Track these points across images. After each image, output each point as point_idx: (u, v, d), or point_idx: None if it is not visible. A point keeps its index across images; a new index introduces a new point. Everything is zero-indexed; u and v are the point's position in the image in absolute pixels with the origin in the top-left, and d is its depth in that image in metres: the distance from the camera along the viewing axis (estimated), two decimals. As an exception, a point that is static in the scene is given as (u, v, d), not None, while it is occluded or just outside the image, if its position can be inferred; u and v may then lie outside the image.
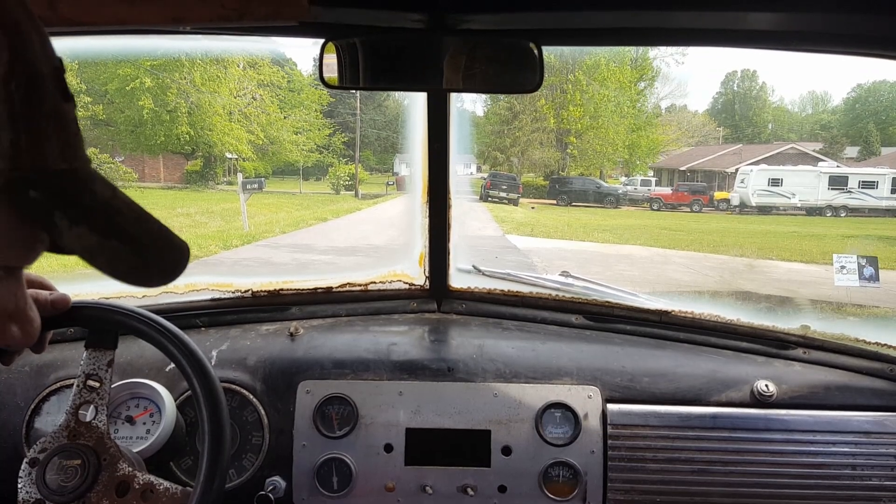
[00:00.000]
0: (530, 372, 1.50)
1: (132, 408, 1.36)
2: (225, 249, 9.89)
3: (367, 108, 26.24)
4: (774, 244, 13.27)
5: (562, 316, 1.74)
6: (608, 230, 15.22)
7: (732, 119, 42.78)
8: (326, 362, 1.50)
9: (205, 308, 1.70)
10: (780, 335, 1.62)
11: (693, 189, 23.51)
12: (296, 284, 1.78)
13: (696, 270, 10.20)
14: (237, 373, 1.48)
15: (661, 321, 1.69)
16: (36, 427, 1.42)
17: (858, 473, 1.41)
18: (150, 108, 16.48)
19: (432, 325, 1.71)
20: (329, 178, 23.24)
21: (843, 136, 36.70)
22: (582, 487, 1.42)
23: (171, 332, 1.09)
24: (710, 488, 1.41)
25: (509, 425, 1.44)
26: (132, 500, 1.04)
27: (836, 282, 5.72)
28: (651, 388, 1.49)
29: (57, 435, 1.07)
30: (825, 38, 1.18)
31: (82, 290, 1.65)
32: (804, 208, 20.71)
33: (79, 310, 1.09)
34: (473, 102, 41.43)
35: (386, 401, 1.45)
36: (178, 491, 1.05)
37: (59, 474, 1.03)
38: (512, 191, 20.66)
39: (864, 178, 20.82)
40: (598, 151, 25.05)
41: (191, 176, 20.83)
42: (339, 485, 1.41)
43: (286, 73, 19.87)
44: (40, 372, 1.47)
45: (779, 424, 1.44)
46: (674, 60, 31.54)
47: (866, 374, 1.55)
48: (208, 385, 1.07)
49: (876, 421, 1.45)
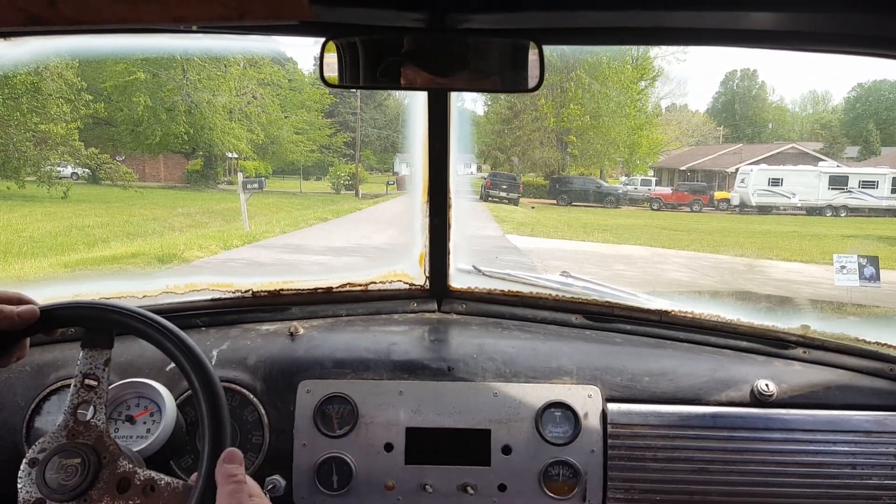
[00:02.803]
0: (530, 371, 1.50)
1: (132, 407, 1.36)
2: (225, 249, 9.90)
3: (367, 108, 26.21)
4: (775, 244, 13.26)
5: (562, 316, 1.74)
6: (608, 230, 15.22)
7: (732, 118, 42.72)
8: (327, 362, 1.50)
9: (205, 308, 1.70)
10: (781, 335, 1.62)
11: (693, 189, 23.49)
12: (296, 284, 1.78)
13: (695, 270, 10.21)
14: (237, 372, 1.48)
15: (661, 321, 1.69)
16: (36, 426, 1.41)
17: (858, 473, 1.41)
18: (146, 105, 16.42)
19: (432, 325, 1.71)
20: (329, 178, 23.21)
21: (844, 136, 36.67)
22: (582, 487, 1.42)
23: (169, 331, 1.09)
24: (709, 487, 1.41)
25: (509, 424, 1.44)
26: (134, 496, 1.04)
27: (837, 282, 5.71)
28: (651, 387, 1.49)
29: (56, 435, 1.07)
30: (825, 38, 1.18)
31: (82, 291, 1.69)
32: (804, 208, 20.70)
33: (75, 310, 1.10)
34: (474, 102, 41.51)
35: (386, 400, 1.45)
36: (180, 485, 1.04)
37: (59, 473, 1.03)
38: (512, 190, 20.64)
39: (865, 178, 20.80)
40: (599, 151, 25.01)
41: (191, 175, 20.80)
42: (339, 484, 1.41)
43: (287, 72, 19.83)
44: (41, 371, 1.47)
45: (779, 424, 1.44)
46: (675, 59, 31.49)
47: (866, 373, 1.55)
48: (207, 380, 1.07)
49: (876, 420, 1.45)
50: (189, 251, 9.29)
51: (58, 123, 12.84)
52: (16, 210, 12.88)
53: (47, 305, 1.09)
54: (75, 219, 12.17)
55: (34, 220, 11.96)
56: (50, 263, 8.20)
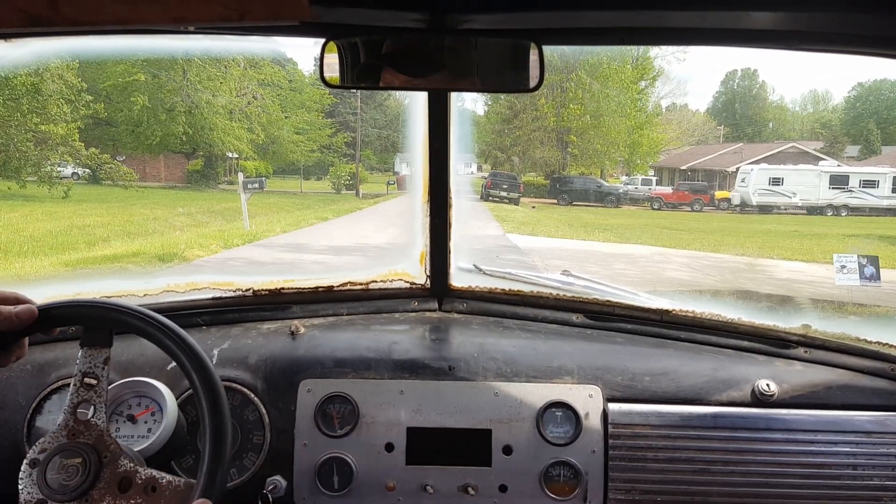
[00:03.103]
0: (531, 371, 1.50)
1: (133, 406, 1.36)
2: (226, 248, 9.90)
3: (367, 108, 26.19)
4: (776, 243, 13.25)
5: (563, 315, 1.73)
6: (609, 229, 15.21)
7: (733, 118, 42.69)
8: (327, 361, 1.50)
9: (206, 307, 1.69)
10: (782, 334, 1.62)
11: (694, 188, 23.50)
12: (297, 283, 1.77)
13: (696, 269, 10.20)
14: (238, 371, 1.48)
15: (663, 320, 1.69)
16: (37, 426, 1.41)
17: (859, 473, 1.40)
18: (144, 105, 16.41)
19: (433, 324, 1.71)
20: (330, 178, 23.21)
21: (845, 135, 36.63)
22: (583, 487, 1.41)
23: (169, 329, 1.09)
24: (711, 488, 1.41)
25: (510, 424, 1.44)
26: (135, 495, 1.04)
27: (837, 281, 5.70)
28: (652, 387, 1.49)
29: (56, 434, 1.07)
30: (825, 38, 1.17)
31: (83, 289, 1.67)
32: (805, 207, 20.70)
33: (73, 308, 1.10)
34: (474, 102, 41.44)
35: (387, 400, 1.45)
36: (182, 483, 1.04)
37: (61, 473, 1.03)
38: (513, 190, 20.68)
39: (865, 178, 20.80)
40: (600, 151, 25.00)
41: (192, 175, 20.81)
42: (339, 484, 1.40)
43: (287, 72, 19.83)
44: (42, 370, 1.47)
45: (780, 424, 1.44)
46: (675, 59, 31.44)
47: (867, 373, 1.55)
48: (207, 379, 1.07)
49: (877, 420, 1.44)
50: (190, 250, 9.30)
51: (58, 124, 12.86)
52: (17, 209, 12.89)
53: (45, 304, 1.09)
54: (76, 218, 12.18)
55: (35, 220, 11.97)
56: (51, 262, 8.21)
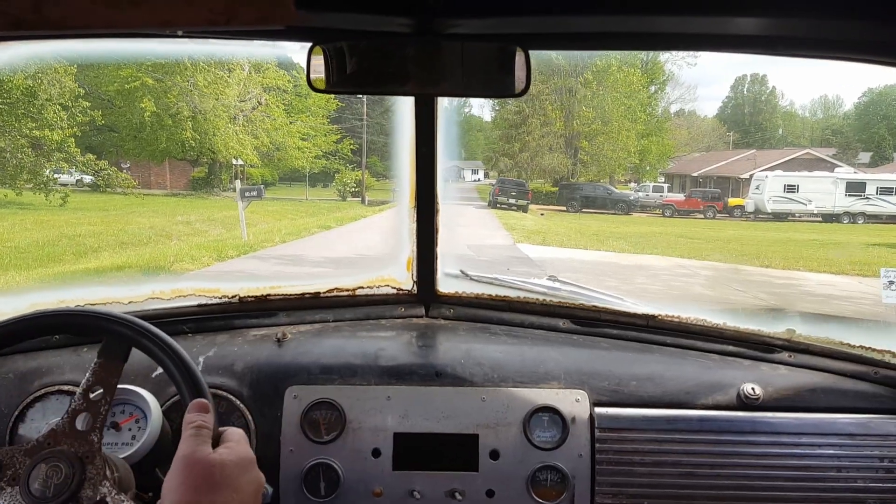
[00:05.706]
0: (518, 376, 1.51)
1: (118, 414, 1.35)
2: (220, 261, 9.46)
3: (374, 113, 25.88)
4: (797, 253, 12.82)
5: (549, 320, 1.74)
6: (622, 238, 14.81)
7: (742, 124, 42.50)
8: (314, 367, 1.51)
9: (192, 314, 1.69)
10: (766, 339, 1.64)
11: (707, 195, 23.21)
12: (283, 290, 1.78)
13: (722, 284, 9.66)
14: (224, 378, 1.49)
15: (648, 325, 1.70)
16: (20, 434, 1.41)
17: (843, 475, 1.43)
18: (152, 111, 16.17)
19: (420, 330, 1.72)
20: (336, 185, 23.06)
21: (857, 142, 36.36)
22: (570, 491, 1.43)
23: (158, 338, 1.11)
24: (697, 491, 1.43)
25: (497, 429, 1.45)
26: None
27: (885, 298, 5.24)
28: (638, 391, 1.51)
29: (43, 441, 1.06)
30: (808, 43, 1.17)
31: (68, 297, 1.69)
32: (820, 215, 20.52)
33: (66, 317, 1.14)
34: (481, 107, 41.30)
35: (374, 406, 1.46)
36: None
37: (43, 483, 1.01)
38: (521, 197, 20.76)
39: (883, 185, 20.65)
40: (609, 157, 24.72)
41: (196, 183, 20.67)
42: (326, 490, 1.41)
43: (292, 76, 19.49)
44: (25, 378, 1.47)
45: (765, 427, 1.46)
46: (685, 63, 30.99)
47: (851, 376, 1.57)
48: (195, 384, 1.08)
49: (860, 423, 1.46)
50: (179, 263, 8.90)
51: (53, 129, 12.55)
52: (7, 218, 12.56)
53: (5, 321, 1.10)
54: (67, 227, 11.88)
55: (23, 229, 11.64)
56: (24, 277, 7.83)
